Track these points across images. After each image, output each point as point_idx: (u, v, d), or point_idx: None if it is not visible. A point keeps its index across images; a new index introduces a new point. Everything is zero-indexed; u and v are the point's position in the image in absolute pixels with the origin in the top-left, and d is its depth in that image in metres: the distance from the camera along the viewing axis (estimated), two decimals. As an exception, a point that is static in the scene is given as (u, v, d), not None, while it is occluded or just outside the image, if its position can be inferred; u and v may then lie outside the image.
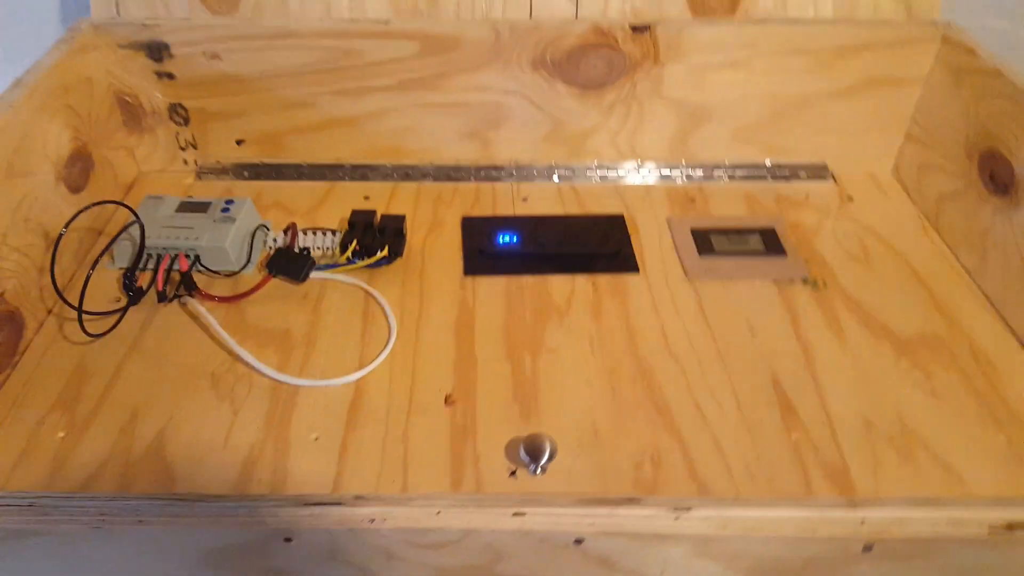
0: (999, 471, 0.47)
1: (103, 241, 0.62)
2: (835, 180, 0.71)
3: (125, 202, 0.63)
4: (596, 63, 0.65)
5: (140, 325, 0.56)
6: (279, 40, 0.63)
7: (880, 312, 0.57)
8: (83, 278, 0.56)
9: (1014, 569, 0.46)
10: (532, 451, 0.47)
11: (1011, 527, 0.45)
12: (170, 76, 0.65)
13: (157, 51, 0.63)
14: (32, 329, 0.55)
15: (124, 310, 0.56)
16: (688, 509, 0.45)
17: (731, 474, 0.47)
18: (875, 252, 0.63)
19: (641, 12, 0.65)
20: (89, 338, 0.54)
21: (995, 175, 0.57)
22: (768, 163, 0.71)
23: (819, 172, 0.71)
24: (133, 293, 0.57)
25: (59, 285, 0.56)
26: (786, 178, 0.71)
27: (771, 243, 0.62)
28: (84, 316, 0.54)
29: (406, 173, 0.70)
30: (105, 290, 0.59)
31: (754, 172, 0.71)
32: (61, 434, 0.49)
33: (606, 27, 0.63)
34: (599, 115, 0.68)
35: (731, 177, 0.70)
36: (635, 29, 0.63)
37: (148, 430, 0.49)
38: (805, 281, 0.60)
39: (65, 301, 0.54)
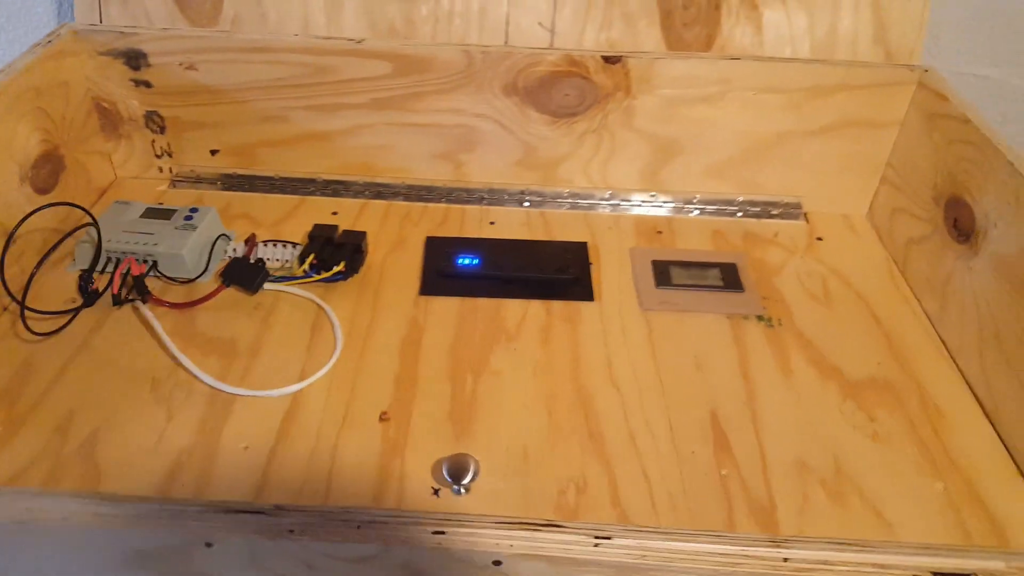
0: (931, 519, 0.47)
1: (69, 243, 0.65)
2: (807, 219, 0.72)
3: (91, 207, 0.67)
4: (568, 92, 0.67)
5: (91, 327, 0.59)
6: (254, 54, 0.66)
7: (832, 353, 0.58)
8: (44, 279, 0.59)
9: (942, 621, 0.46)
10: (454, 471, 0.48)
11: (936, 575, 0.46)
12: (147, 84, 0.68)
13: (135, 59, 0.66)
14: (-14, 324, 0.58)
15: (76, 311, 0.59)
16: (608, 537, 0.47)
17: (654, 505, 0.48)
18: (837, 293, 0.64)
19: (617, 44, 0.67)
20: (35, 336, 0.57)
21: (959, 222, 0.58)
22: (740, 199, 0.72)
23: (792, 211, 0.72)
24: (88, 295, 0.60)
25: (20, 284, 0.59)
26: (757, 215, 0.72)
27: (730, 278, 0.63)
28: (37, 315, 0.58)
29: (378, 191, 0.73)
30: (63, 291, 0.62)
31: (725, 207, 0.73)
32: (-2, 428, 0.51)
33: (578, 56, 0.65)
34: (571, 143, 0.70)
35: (701, 211, 0.72)
36: (607, 60, 0.65)
37: (82, 430, 0.51)
38: (760, 318, 0.61)
39: (12, 296, 0.57)
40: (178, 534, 0.48)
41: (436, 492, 0.48)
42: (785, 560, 0.46)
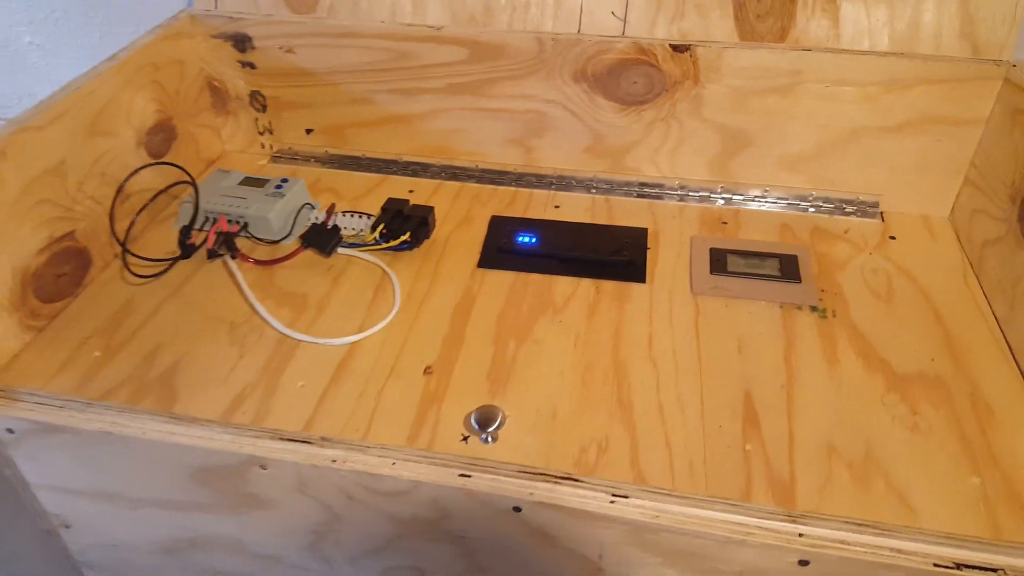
0: (961, 511, 0.48)
1: (175, 206, 0.75)
2: (883, 219, 0.73)
3: (199, 175, 0.77)
4: (636, 79, 0.71)
5: (186, 275, 0.68)
6: (344, 39, 0.74)
7: (883, 347, 0.59)
8: (153, 232, 0.69)
9: (960, 614, 0.47)
10: (482, 419, 0.53)
11: (958, 566, 0.46)
12: (252, 66, 0.78)
13: (241, 42, 0.76)
14: (98, 267, 0.68)
15: (174, 260, 0.68)
16: (625, 496, 0.50)
17: (673, 471, 0.51)
18: (901, 291, 0.65)
19: (688, 34, 0.71)
20: (137, 279, 0.67)
21: (1032, 220, 0.58)
22: (813, 194, 0.74)
23: (868, 209, 0.73)
24: (185, 248, 0.69)
25: (130, 237, 0.70)
26: (830, 212, 0.73)
27: (788, 269, 0.65)
28: (141, 261, 0.68)
29: (453, 173, 0.80)
30: (166, 244, 0.71)
31: (796, 202, 0.75)
32: (97, 353, 0.61)
33: (646, 44, 0.70)
34: (639, 131, 0.74)
35: (771, 205, 0.74)
36: (675, 48, 0.69)
37: (166, 360, 0.60)
38: (813, 309, 0.62)
39: (117, 240, 0.68)
40: (236, 455, 0.56)
41: (465, 439, 0.53)
42: (800, 535, 0.48)
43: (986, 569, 0.46)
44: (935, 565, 0.46)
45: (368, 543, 0.57)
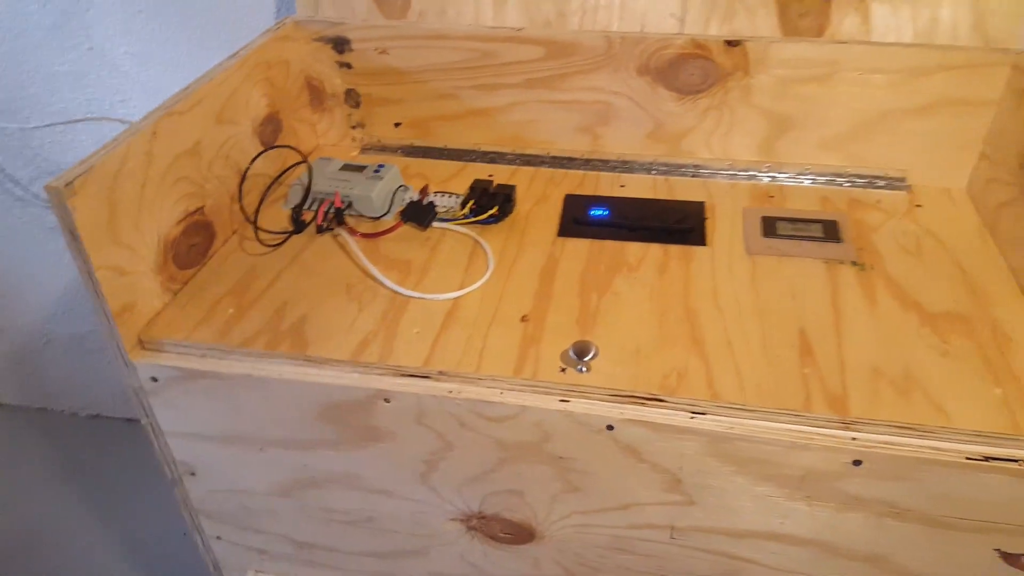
0: (987, 415, 0.58)
1: (282, 190, 0.86)
2: (910, 190, 0.84)
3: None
4: (693, 71, 0.82)
5: (300, 247, 0.79)
6: (434, 40, 0.86)
7: (916, 292, 0.70)
8: (262, 213, 0.81)
9: (990, 497, 0.57)
10: (579, 350, 0.64)
11: (987, 459, 0.56)
12: (348, 66, 0.89)
13: (340, 45, 0.88)
14: (221, 240, 0.79)
15: (289, 234, 0.80)
16: (703, 412, 0.61)
17: (744, 390, 0.61)
18: (928, 248, 0.75)
19: (737, 31, 0.82)
20: (261, 248, 0.78)
21: (1041, 182, 0.69)
22: (849, 171, 0.85)
23: (896, 183, 0.83)
24: (297, 224, 0.81)
25: (250, 212, 0.81)
26: (864, 187, 0.84)
27: (830, 232, 0.76)
28: (261, 234, 0.79)
29: (527, 160, 0.91)
30: (278, 222, 0.82)
31: (834, 179, 0.85)
32: (231, 311, 0.71)
33: (702, 40, 0.81)
34: (695, 118, 0.85)
35: (812, 181, 0.85)
36: (728, 43, 0.80)
37: (294, 314, 0.70)
38: (853, 263, 0.73)
39: (247, 218, 0.79)
40: (364, 390, 0.66)
41: (563, 370, 0.64)
42: (853, 439, 0.58)
43: (1009, 460, 0.56)
44: (967, 459, 0.57)
45: (475, 469, 0.68)
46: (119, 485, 1.48)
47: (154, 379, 0.69)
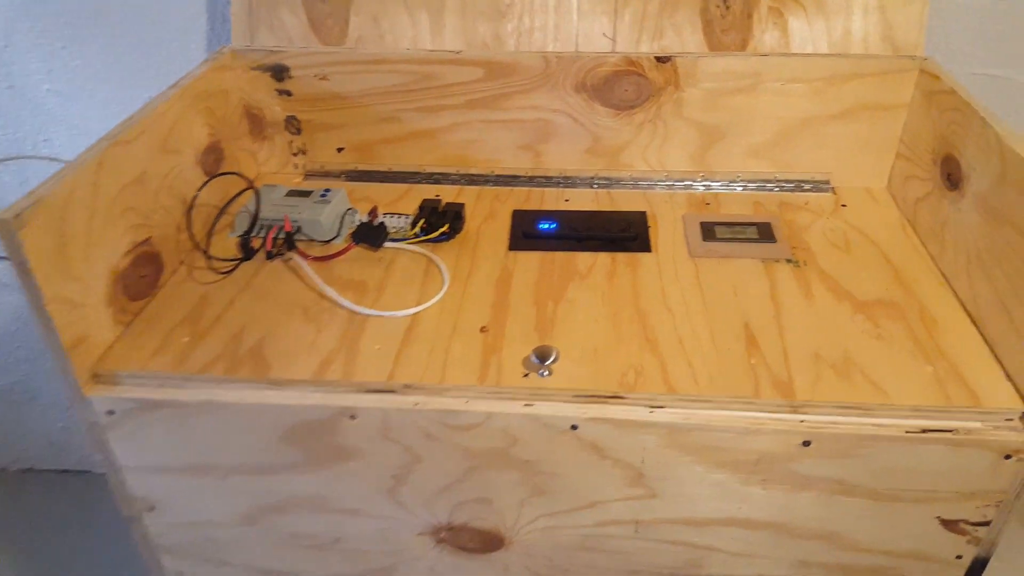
0: (920, 390, 0.64)
1: (227, 219, 0.88)
2: (835, 193, 0.91)
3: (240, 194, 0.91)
4: (627, 88, 0.88)
5: (251, 274, 0.81)
6: (374, 65, 0.90)
7: (847, 283, 0.76)
8: (209, 241, 0.83)
9: (927, 467, 0.63)
10: (541, 355, 0.68)
11: (924, 431, 0.62)
12: (288, 93, 0.92)
13: (279, 72, 0.91)
14: (169, 271, 0.80)
15: (239, 261, 0.81)
16: (662, 406, 0.65)
17: (697, 382, 0.66)
18: (855, 243, 0.82)
19: (666, 48, 0.88)
20: (212, 276, 0.80)
21: (951, 175, 0.77)
22: (776, 176, 0.92)
23: (821, 186, 0.91)
24: (247, 251, 0.83)
25: (199, 243, 0.83)
26: (792, 190, 0.91)
27: (765, 233, 0.82)
28: (210, 263, 0.81)
29: (472, 179, 0.95)
30: (226, 251, 0.84)
31: (764, 184, 0.92)
32: (186, 339, 0.72)
33: (635, 58, 0.87)
34: (631, 132, 0.91)
35: (743, 188, 0.92)
36: (659, 60, 0.87)
37: (251, 338, 0.72)
38: (788, 261, 0.79)
39: (197, 247, 0.81)
40: (329, 408, 0.69)
41: (526, 375, 0.68)
42: (801, 421, 0.64)
43: (944, 431, 0.62)
44: (906, 432, 0.63)
45: (443, 480, 0.70)
46: (58, 539, 1.45)
47: (110, 412, 0.69)
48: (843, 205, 0.89)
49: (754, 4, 0.86)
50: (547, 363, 0.67)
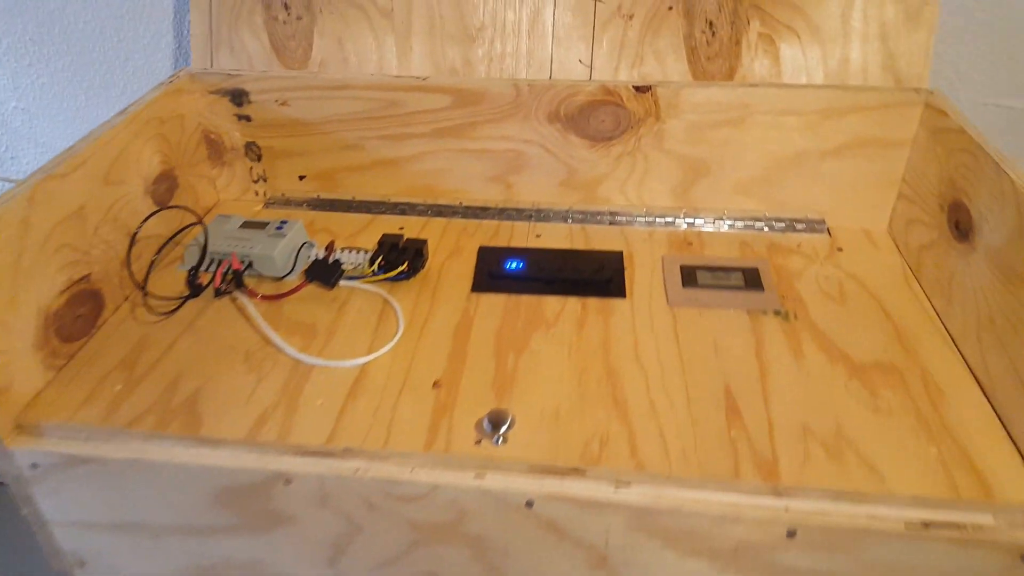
0: (923, 477, 0.53)
1: (180, 249, 0.78)
2: (830, 234, 0.79)
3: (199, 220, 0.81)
4: (604, 118, 0.77)
5: (197, 313, 0.70)
6: (336, 91, 0.79)
7: (842, 341, 0.65)
8: (156, 277, 0.73)
9: (930, 566, 0.51)
10: (494, 420, 0.57)
11: (927, 525, 0.51)
12: (248, 119, 0.82)
13: (238, 97, 0.80)
14: (111, 309, 0.70)
15: (185, 299, 0.71)
16: (628, 484, 0.54)
17: (668, 458, 0.55)
18: (852, 293, 0.71)
19: (647, 76, 0.77)
20: (150, 318, 0.69)
21: (959, 223, 0.65)
22: (766, 215, 0.80)
23: (815, 226, 0.79)
24: (194, 288, 0.72)
25: (140, 277, 0.72)
26: (783, 230, 0.80)
27: (752, 280, 0.71)
28: (153, 302, 0.70)
29: (439, 210, 0.84)
30: (175, 286, 0.74)
31: (752, 223, 0.81)
32: (118, 387, 0.62)
33: (612, 86, 0.76)
34: (608, 165, 0.80)
35: (730, 226, 0.80)
36: (638, 89, 0.75)
37: (187, 388, 0.62)
38: (776, 313, 0.68)
39: (136, 284, 0.70)
40: (262, 472, 0.58)
41: (478, 442, 0.57)
42: (786, 509, 0.52)
43: (949, 526, 0.51)
44: (906, 526, 0.51)
45: (387, 552, 0.60)
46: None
47: (34, 466, 0.59)
48: (839, 249, 0.77)
49: (743, 30, 0.75)
50: (501, 431, 0.56)
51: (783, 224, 0.80)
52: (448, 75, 0.79)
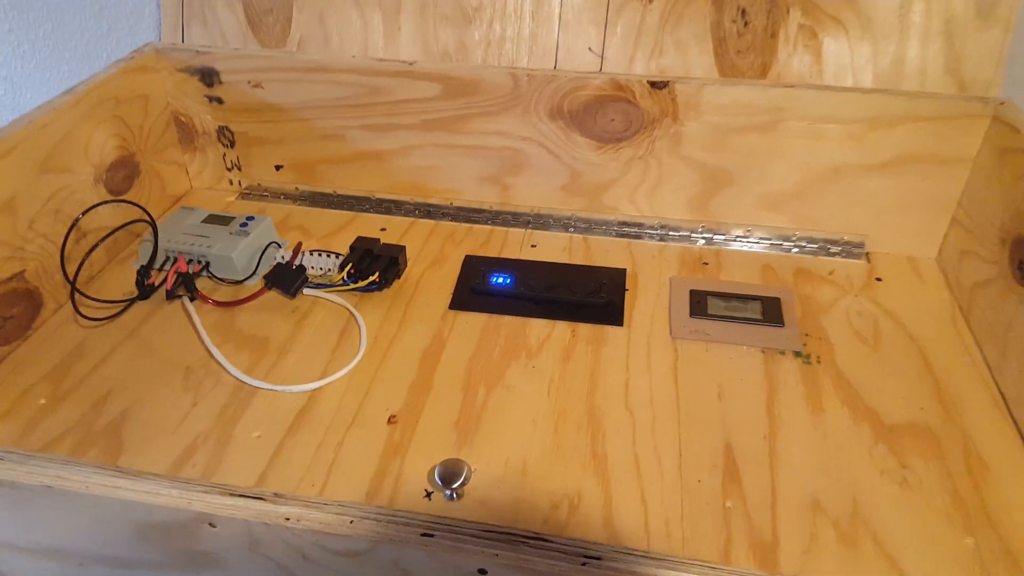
0: (955, 575, 0.45)
1: (138, 243, 0.72)
2: (868, 259, 0.70)
3: (164, 212, 0.75)
4: (613, 116, 0.69)
5: (143, 317, 0.65)
6: (314, 74, 0.72)
7: (870, 395, 0.56)
8: (112, 272, 0.67)
9: None
10: (446, 475, 0.50)
11: (953, 638, 0.43)
12: (219, 101, 0.76)
13: (208, 77, 0.74)
14: (50, 309, 0.65)
15: (130, 302, 0.65)
16: (598, 557, 0.47)
17: (648, 529, 0.47)
18: (888, 335, 0.62)
19: (667, 71, 0.69)
20: (90, 322, 0.64)
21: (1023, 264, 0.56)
22: (796, 234, 0.71)
23: (853, 250, 0.70)
24: (143, 289, 0.66)
25: (86, 275, 0.67)
26: (814, 252, 0.71)
27: (771, 312, 0.63)
28: (96, 303, 0.65)
29: (427, 211, 0.77)
30: (125, 284, 0.68)
31: (779, 243, 0.72)
32: (42, 401, 0.57)
33: (623, 81, 0.67)
34: (617, 169, 0.72)
35: (752, 245, 0.72)
36: (653, 85, 0.67)
37: (115, 408, 0.56)
38: (797, 354, 0.59)
39: (67, 280, 0.64)
40: (183, 512, 0.52)
41: (429, 495, 0.50)
42: (782, 602, 0.45)
43: (984, 640, 0.43)
44: (928, 636, 0.43)
45: (326, 606, 0.54)
46: None
47: (-54, 483, 0.55)
48: (877, 279, 0.68)
49: (781, 20, 0.66)
50: (454, 486, 0.49)
51: (815, 246, 0.71)
52: (440, 59, 0.71)
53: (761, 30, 0.66)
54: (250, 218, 0.71)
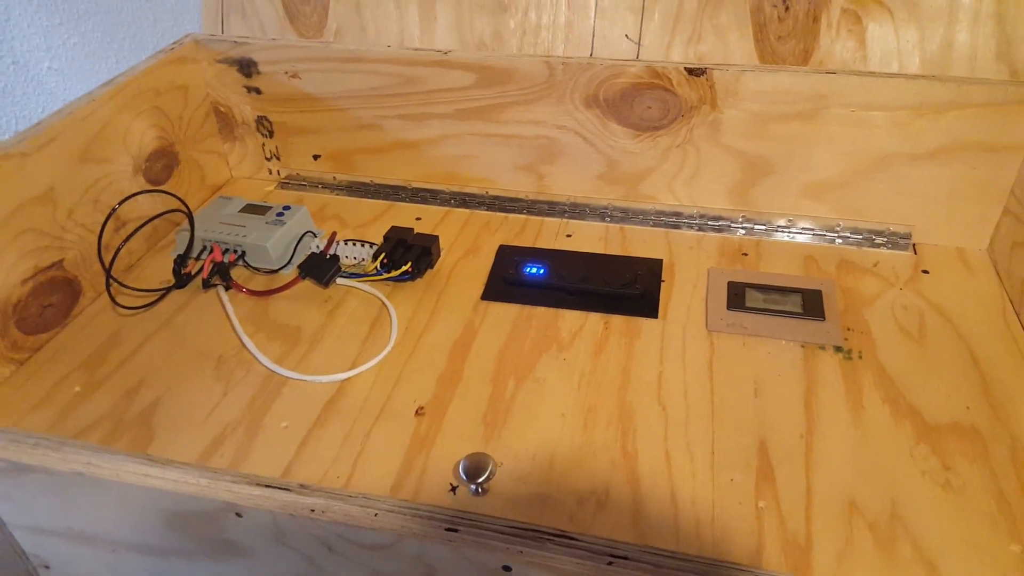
0: (999, 584, 0.42)
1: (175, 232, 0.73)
2: (915, 251, 0.67)
3: (204, 202, 0.75)
4: (650, 104, 0.67)
5: (179, 306, 0.65)
6: (350, 63, 0.71)
7: (914, 393, 0.53)
8: (151, 261, 0.67)
9: None
10: (471, 470, 0.49)
11: (998, 651, 0.40)
12: (258, 91, 0.75)
13: (247, 67, 0.73)
14: (89, 297, 0.65)
15: (166, 291, 0.65)
16: (625, 557, 0.45)
17: (677, 529, 0.45)
18: (934, 331, 0.59)
19: (706, 57, 0.66)
20: (126, 310, 0.64)
21: (1079, 255, 0.52)
22: (840, 225, 0.68)
23: (899, 240, 0.67)
24: (179, 278, 0.66)
25: (125, 264, 0.67)
26: (858, 243, 0.68)
27: (812, 306, 0.60)
28: (132, 291, 0.65)
29: (463, 200, 0.76)
30: (164, 273, 0.68)
31: (822, 233, 0.69)
32: (77, 389, 0.57)
33: (660, 68, 0.65)
34: (654, 158, 0.70)
35: (795, 235, 0.69)
36: (690, 72, 0.64)
37: (147, 397, 0.56)
38: (838, 349, 0.57)
39: (104, 268, 0.64)
40: (210, 501, 0.52)
41: (454, 490, 0.49)
42: (816, 607, 0.42)
43: (1030, 654, 0.40)
44: (970, 648, 0.41)
45: (353, 596, 0.53)
46: None
47: (-17, 468, 0.55)
48: (924, 271, 0.65)
49: (823, 4, 0.63)
50: (479, 481, 0.48)
51: (859, 236, 0.68)
52: (475, 49, 0.70)
53: (803, 15, 0.63)
54: (287, 208, 0.71)
